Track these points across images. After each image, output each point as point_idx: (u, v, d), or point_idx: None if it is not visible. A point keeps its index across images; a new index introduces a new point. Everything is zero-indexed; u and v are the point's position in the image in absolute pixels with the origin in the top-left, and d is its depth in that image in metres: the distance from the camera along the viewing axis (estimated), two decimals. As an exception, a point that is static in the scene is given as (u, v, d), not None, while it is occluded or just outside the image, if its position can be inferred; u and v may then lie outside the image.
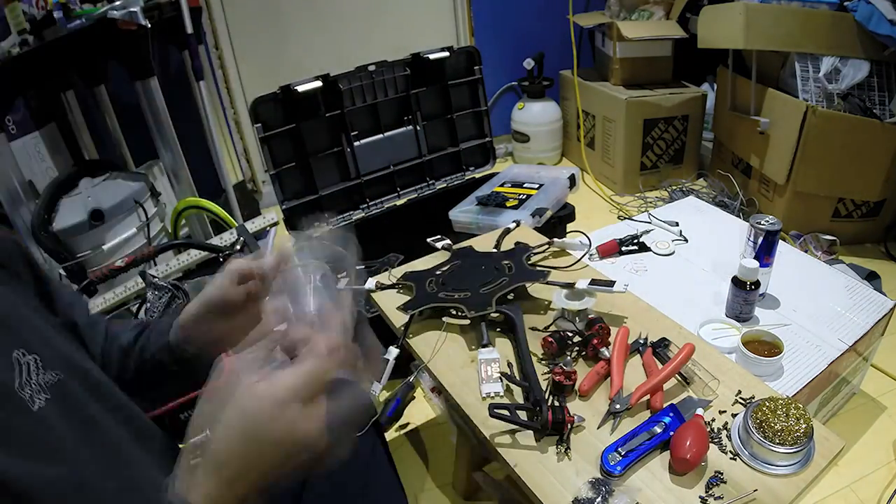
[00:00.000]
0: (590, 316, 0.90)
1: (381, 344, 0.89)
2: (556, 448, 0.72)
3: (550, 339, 0.86)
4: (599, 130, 2.56)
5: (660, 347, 0.86)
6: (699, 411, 0.75)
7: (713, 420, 0.75)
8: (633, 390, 0.77)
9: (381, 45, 2.48)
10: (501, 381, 0.82)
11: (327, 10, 2.40)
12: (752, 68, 2.01)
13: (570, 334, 0.87)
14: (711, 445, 0.71)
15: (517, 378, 0.81)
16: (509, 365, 0.85)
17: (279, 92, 1.62)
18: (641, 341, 0.88)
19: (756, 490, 0.65)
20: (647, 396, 0.78)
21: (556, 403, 0.76)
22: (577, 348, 0.87)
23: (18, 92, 1.71)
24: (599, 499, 0.65)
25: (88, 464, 0.51)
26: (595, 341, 0.85)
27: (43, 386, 0.51)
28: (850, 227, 2.02)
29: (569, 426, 0.73)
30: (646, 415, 0.76)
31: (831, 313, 1.23)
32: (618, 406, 0.76)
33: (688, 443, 0.67)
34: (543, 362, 0.86)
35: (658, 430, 0.71)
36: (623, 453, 0.69)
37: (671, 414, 0.73)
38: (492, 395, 0.81)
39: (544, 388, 0.79)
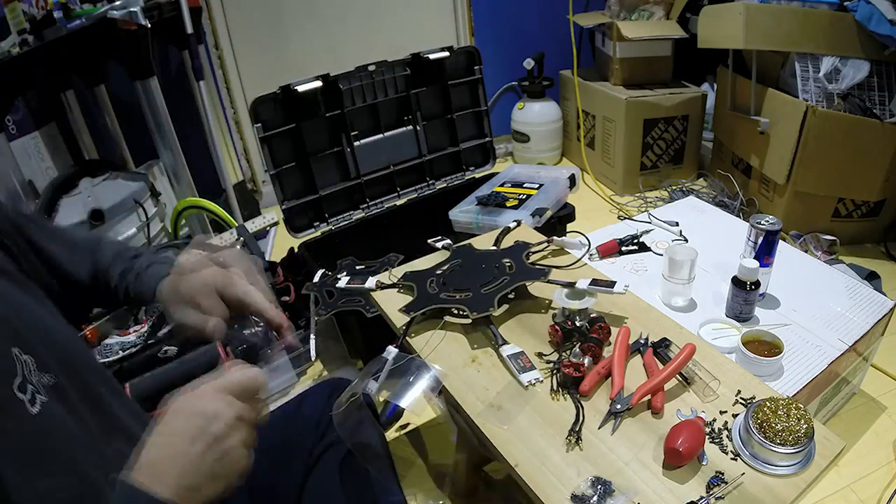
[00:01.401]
0: (591, 315, 0.90)
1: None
2: (567, 439, 0.72)
3: (556, 327, 0.87)
4: (599, 130, 2.56)
5: (661, 347, 0.86)
6: (702, 413, 0.75)
7: (714, 420, 0.75)
8: (634, 390, 0.77)
9: (381, 45, 2.48)
10: (534, 367, 0.83)
11: (327, 10, 2.40)
12: (752, 68, 2.01)
13: (577, 324, 0.88)
14: (712, 445, 0.71)
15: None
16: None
17: (279, 92, 1.62)
18: (642, 341, 0.88)
19: (743, 473, 0.67)
20: (648, 396, 0.78)
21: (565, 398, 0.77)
22: (579, 343, 0.87)
23: (18, 92, 1.71)
24: (596, 497, 0.65)
25: (88, 472, 0.51)
26: (591, 345, 0.85)
27: (39, 387, 0.51)
28: (850, 227, 2.02)
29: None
30: (647, 415, 0.76)
31: (831, 313, 1.23)
32: (618, 406, 0.76)
33: (682, 436, 0.67)
34: (544, 358, 0.86)
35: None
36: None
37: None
38: (533, 381, 0.81)
39: (552, 383, 0.80)
